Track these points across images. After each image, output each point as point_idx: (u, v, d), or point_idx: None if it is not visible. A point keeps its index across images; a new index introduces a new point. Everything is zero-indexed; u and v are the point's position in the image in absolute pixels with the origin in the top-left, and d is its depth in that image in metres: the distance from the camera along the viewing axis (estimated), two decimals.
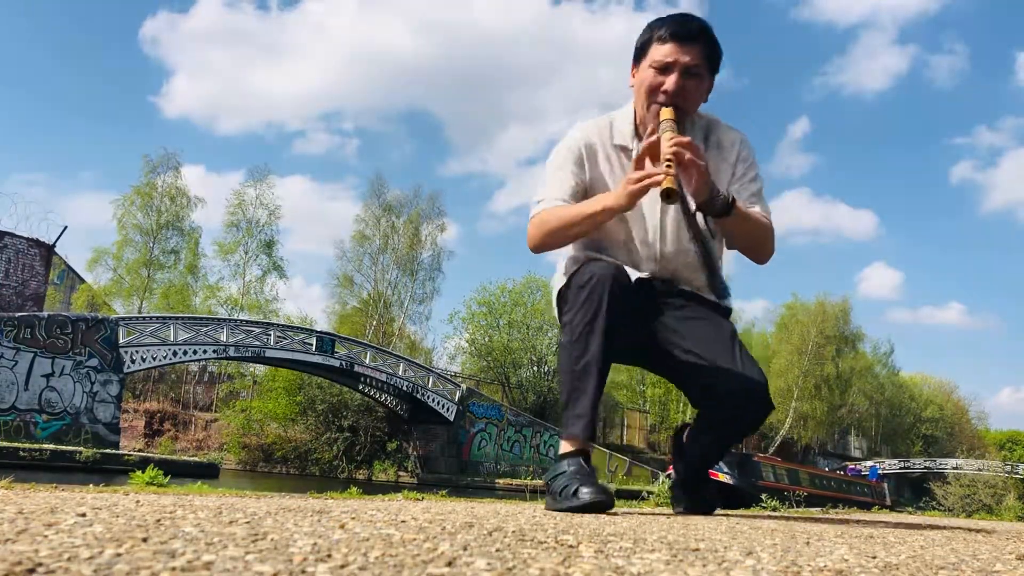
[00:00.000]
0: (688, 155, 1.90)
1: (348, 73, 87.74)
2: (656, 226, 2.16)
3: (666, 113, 2.01)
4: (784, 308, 43.94)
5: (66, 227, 30.43)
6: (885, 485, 30.41)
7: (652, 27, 2.11)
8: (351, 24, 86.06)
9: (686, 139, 1.93)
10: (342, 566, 0.71)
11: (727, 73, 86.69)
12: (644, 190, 1.93)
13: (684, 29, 2.05)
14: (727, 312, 2.29)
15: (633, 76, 2.16)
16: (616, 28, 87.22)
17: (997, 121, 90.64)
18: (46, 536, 0.80)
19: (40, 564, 0.64)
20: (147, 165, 31.48)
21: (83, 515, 1.04)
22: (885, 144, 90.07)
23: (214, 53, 78.14)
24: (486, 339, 34.74)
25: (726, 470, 18.80)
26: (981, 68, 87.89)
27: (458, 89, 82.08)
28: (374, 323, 33.63)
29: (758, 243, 2.17)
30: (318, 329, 26.74)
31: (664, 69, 2.05)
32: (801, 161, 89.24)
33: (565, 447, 2.03)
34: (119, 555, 0.70)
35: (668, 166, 1.88)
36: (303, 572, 0.68)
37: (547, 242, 2.14)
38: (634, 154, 2.08)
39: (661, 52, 2.06)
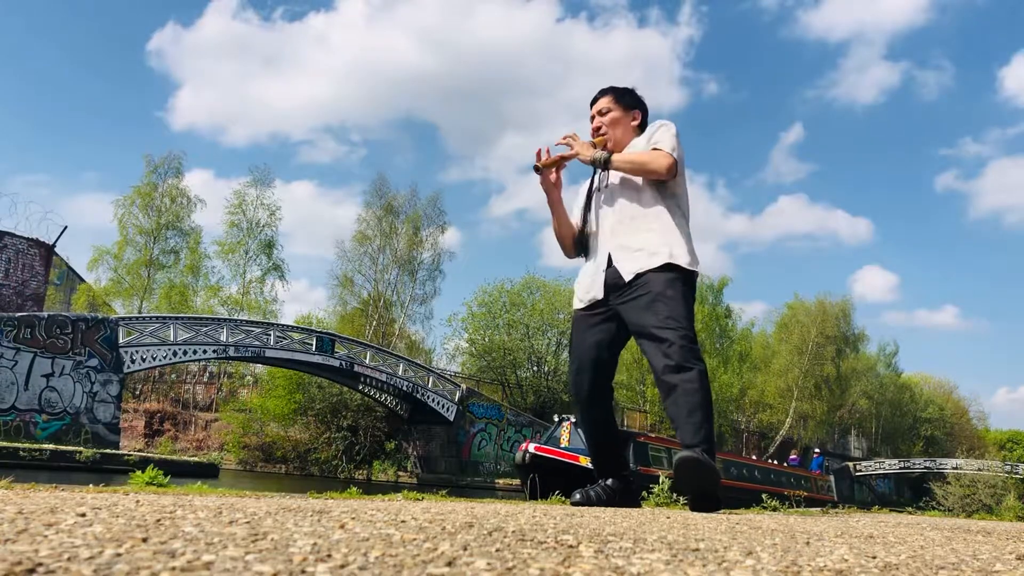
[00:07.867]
0: (566, 139, 3.04)
1: (352, 84, 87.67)
2: (594, 214, 3.08)
3: (597, 140, 3.07)
4: (786, 308, 43.94)
5: (66, 227, 30.47)
6: (831, 478, 29.34)
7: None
8: (355, 36, 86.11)
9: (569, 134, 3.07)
10: (342, 566, 0.71)
11: (726, 87, 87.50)
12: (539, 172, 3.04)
13: (595, 95, 3.15)
14: (668, 267, 2.83)
15: None
16: (618, 44, 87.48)
17: (982, 133, 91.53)
18: (46, 536, 0.79)
19: (40, 564, 0.64)
20: (149, 165, 31.51)
21: (83, 515, 1.04)
22: (877, 153, 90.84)
23: (220, 65, 78.06)
24: (486, 339, 34.70)
25: None
26: (966, 83, 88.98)
27: (460, 99, 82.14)
28: (374, 323, 33.61)
29: (643, 170, 2.90)
30: (320, 329, 26.73)
31: (592, 119, 3.15)
32: (796, 168, 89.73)
33: None
34: (119, 555, 0.70)
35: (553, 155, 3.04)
36: (303, 572, 0.68)
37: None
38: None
39: (590, 114, 3.16)
